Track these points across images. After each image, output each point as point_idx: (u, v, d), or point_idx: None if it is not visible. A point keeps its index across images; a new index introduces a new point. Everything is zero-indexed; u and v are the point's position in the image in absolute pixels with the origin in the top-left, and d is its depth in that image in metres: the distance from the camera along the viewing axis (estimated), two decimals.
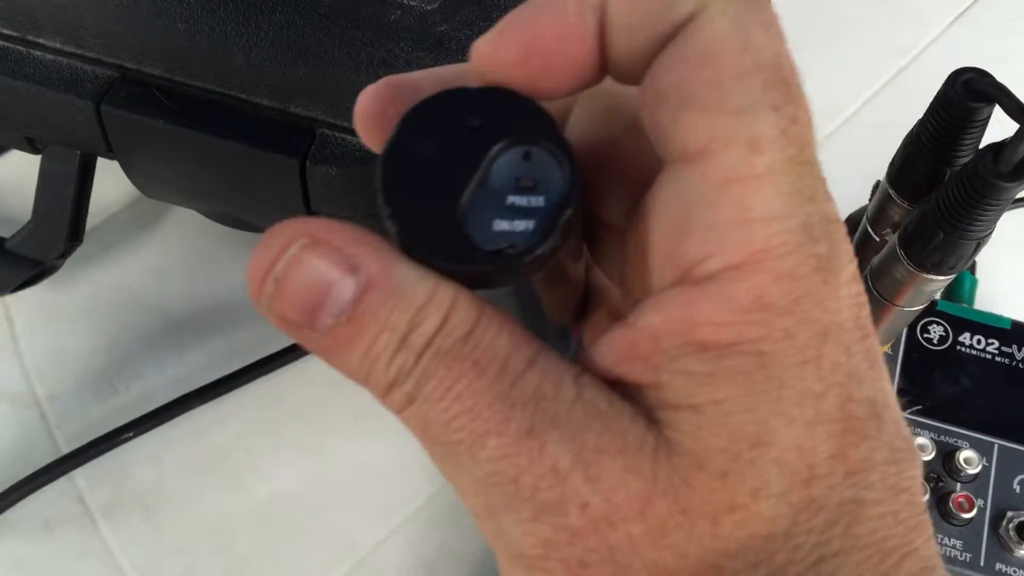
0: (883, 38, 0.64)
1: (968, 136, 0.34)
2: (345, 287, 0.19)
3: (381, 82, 0.23)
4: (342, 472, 0.49)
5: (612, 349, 0.20)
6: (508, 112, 0.21)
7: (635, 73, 0.20)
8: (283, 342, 0.52)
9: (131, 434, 0.49)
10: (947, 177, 0.36)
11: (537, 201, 0.21)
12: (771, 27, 0.19)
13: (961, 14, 0.65)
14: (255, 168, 0.42)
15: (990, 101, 0.33)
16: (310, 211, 0.43)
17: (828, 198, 0.19)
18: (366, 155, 0.41)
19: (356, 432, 0.50)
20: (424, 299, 0.19)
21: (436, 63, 0.39)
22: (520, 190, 0.21)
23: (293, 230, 0.19)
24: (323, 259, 0.19)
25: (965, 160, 0.35)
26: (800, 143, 0.19)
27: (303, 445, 0.50)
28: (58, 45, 0.43)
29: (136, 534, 0.48)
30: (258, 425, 0.51)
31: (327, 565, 0.48)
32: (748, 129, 0.18)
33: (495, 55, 0.21)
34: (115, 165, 0.46)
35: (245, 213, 0.48)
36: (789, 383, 0.19)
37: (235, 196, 0.45)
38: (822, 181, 0.19)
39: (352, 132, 0.41)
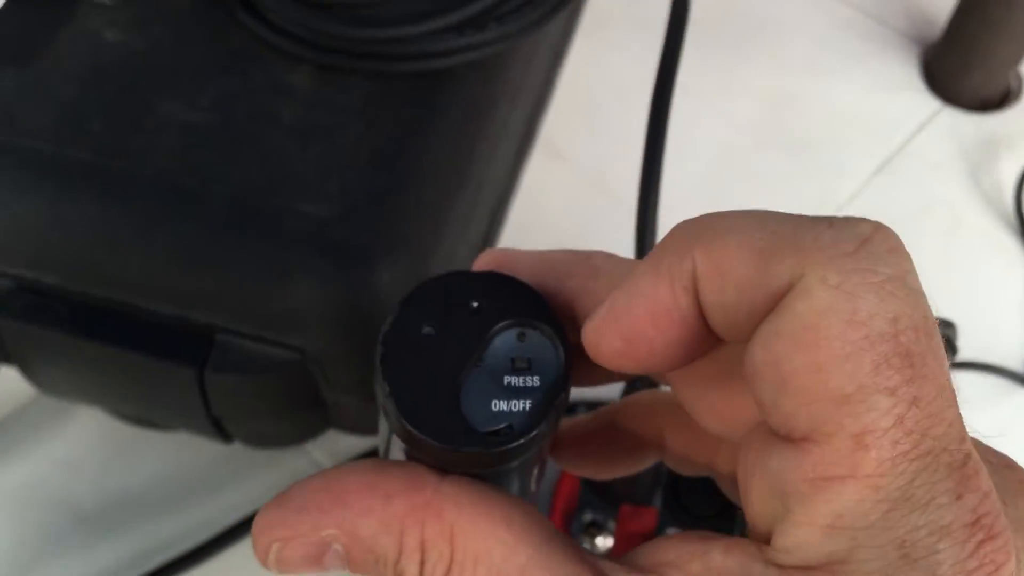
0: (804, 193, 0.64)
1: None
2: (332, 554, 0.21)
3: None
4: None
5: (664, 551, 0.20)
6: (505, 295, 0.22)
7: (747, 337, 0.20)
8: (199, 537, 0.50)
9: None
10: None
11: (533, 381, 0.21)
12: (888, 286, 0.18)
13: (883, 165, 0.66)
14: (153, 376, 0.41)
15: None
16: (210, 415, 0.42)
17: (955, 498, 0.18)
18: (268, 362, 0.40)
19: None
20: (395, 552, 0.20)
21: (335, 268, 0.39)
22: (516, 371, 0.21)
23: (264, 538, 0.22)
24: (300, 550, 0.21)
25: None
26: (922, 429, 0.17)
27: None
28: None
29: None
30: None
31: None
32: (855, 421, 0.17)
33: (602, 348, 0.21)
34: None
35: (148, 416, 0.46)
36: None
37: (136, 401, 0.44)
38: (952, 474, 0.18)
39: (253, 338, 0.40)
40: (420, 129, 0.42)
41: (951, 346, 0.36)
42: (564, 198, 0.61)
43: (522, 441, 0.21)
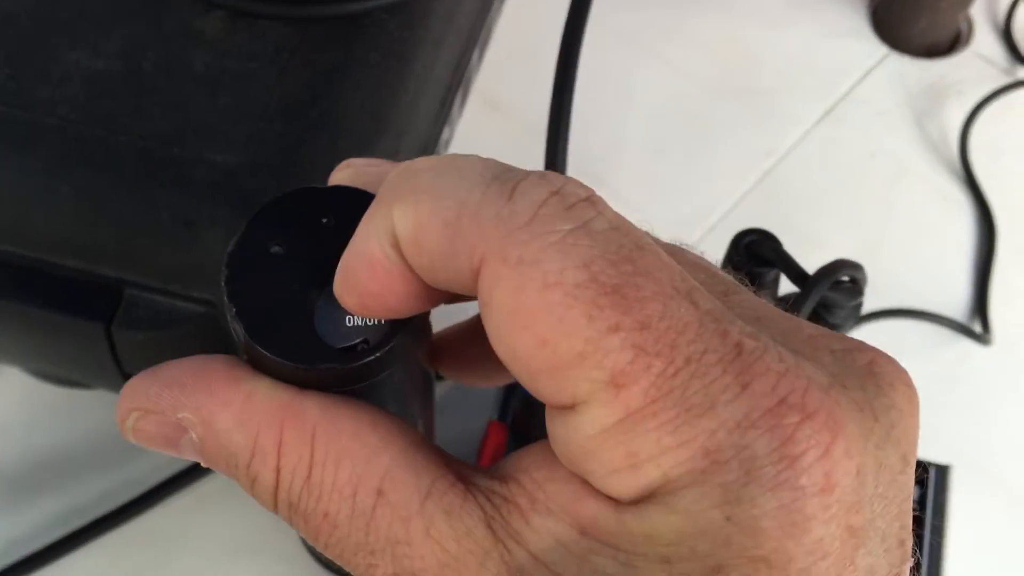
0: (749, 140, 0.63)
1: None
2: (187, 440, 0.21)
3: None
4: None
5: (520, 458, 0.20)
6: (357, 210, 0.21)
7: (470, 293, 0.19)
8: (125, 496, 0.49)
9: None
10: None
11: None
12: (569, 238, 0.17)
13: (828, 111, 0.65)
14: (63, 333, 0.40)
15: (773, 265, 0.32)
16: (123, 372, 0.41)
17: (741, 389, 0.17)
18: (177, 316, 0.39)
19: None
20: (248, 454, 0.20)
21: (242, 219, 0.38)
22: None
23: (125, 405, 0.21)
24: (156, 427, 0.21)
25: None
26: (668, 343, 0.17)
27: None
28: None
29: None
30: None
31: None
32: (601, 372, 0.17)
33: (348, 304, 0.20)
34: None
35: (63, 374, 0.45)
36: None
37: (49, 359, 0.43)
38: (727, 368, 0.17)
39: (161, 292, 0.39)
40: (336, 77, 0.41)
41: (858, 288, 0.35)
42: (500, 148, 0.60)
43: (378, 355, 0.20)
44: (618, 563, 0.18)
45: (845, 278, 0.35)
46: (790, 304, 0.31)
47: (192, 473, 0.50)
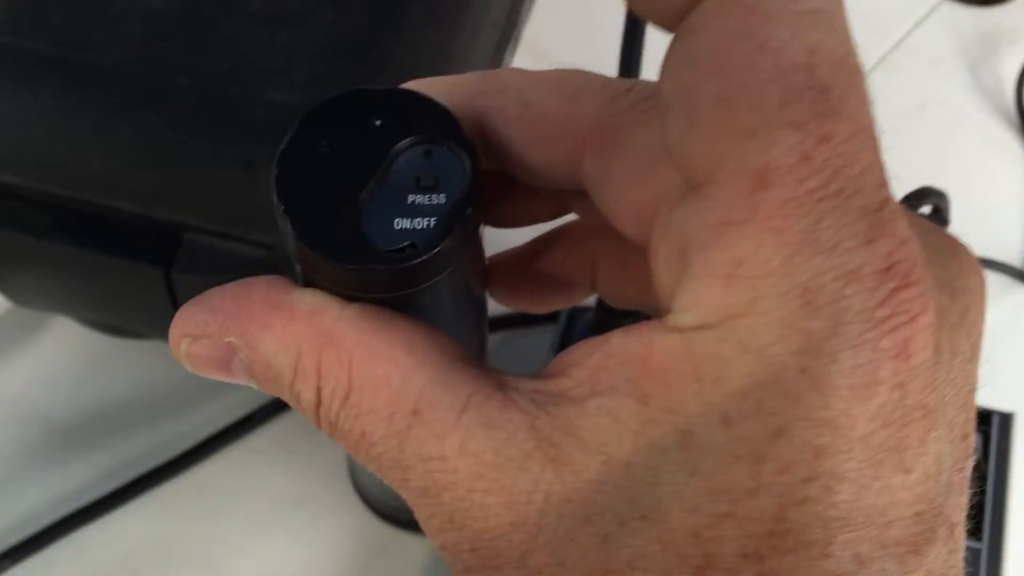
0: None
1: None
2: (238, 362, 0.21)
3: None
4: None
5: (568, 354, 0.20)
6: (410, 112, 0.21)
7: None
8: (175, 450, 0.49)
9: (8, 563, 0.46)
10: None
11: (438, 199, 0.20)
12: (810, 17, 0.16)
13: (880, 60, 0.64)
14: (120, 278, 0.40)
15: None
16: None
17: (866, 242, 0.16)
18: (236, 260, 0.38)
19: (253, 543, 0.47)
20: (290, 374, 0.20)
21: None
22: (421, 189, 0.21)
23: (176, 331, 0.22)
24: (208, 350, 0.21)
25: None
26: (832, 168, 0.16)
27: (195, 562, 0.47)
28: None
29: None
30: (147, 543, 0.48)
31: None
32: (757, 158, 0.16)
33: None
34: None
35: (119, 322, 0.45)
36: (708, 472, 0.17)
37: (106, 306, 0.43)
38: (864, 217, 0.16)
39: (220, 236, 0.38)
40: (394, 17, 0.40)
41: (942, 217, 0.34)
42: None
43: (425, 258, 0.20)
44: (676, 431, 0.17)
45: (927, 208, 0.33)
46: None
47: (243, 426, 0.50)
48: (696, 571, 0.17)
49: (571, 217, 0.26)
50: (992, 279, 0.54)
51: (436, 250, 0.20)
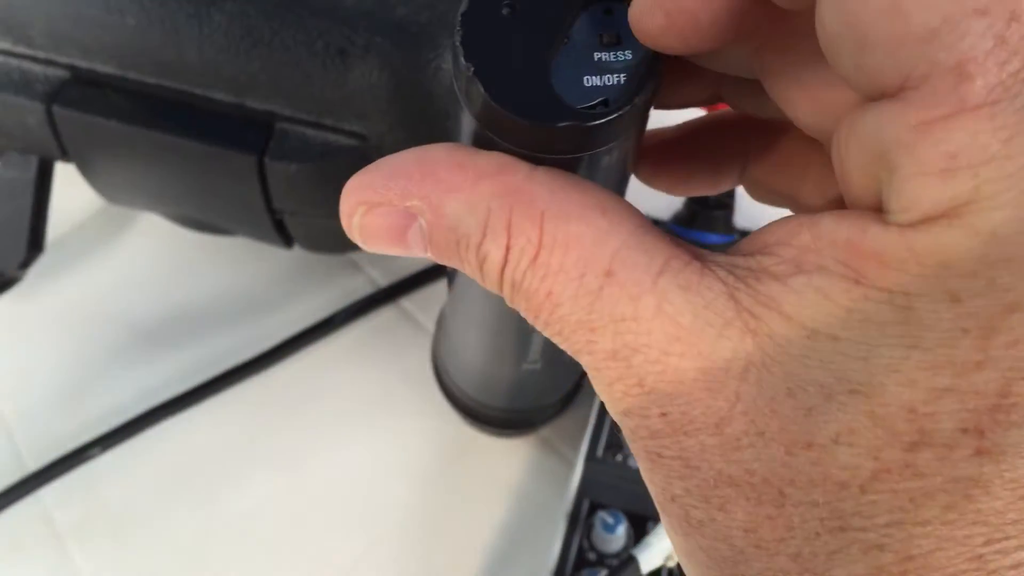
0: None
1: None
2: (415, 231, 0.21)
3: None
4: (318, 484, 0.47)
5: (768, 233, 0.19)
6: None
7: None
8: (256, 349, 0.50)
9: (98, 449, 0.47)
10: None
11: (624, 55, 0.20)
12: None
13: None
14: (212, 166, 0.40)
15: None
16: (271, 209, 0.41)
17: None
18: (327, 148, 0.39)
19: (333, 441, 0.48)
20: (479, 235, 0.20)
21: (396, 48, 0.37)
22: (605, 46, 0.20)
23: (351, 200, 0.21)
24: (385, 218, 0.21)
25: None
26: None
27: (278, 457, 0.48)
28: (7, 46, 0.41)
29: (106, 554, 0.46)
30: (231, 437, 0.49)
31: None
32: (949, 53, 0.15)
33: (644, 25, 0.20)
34: (78, 174, 0.44)
35: (207, 214, 0.46)
36: (929, 346, 0.16)
37: (195, 196, 0.43)
38: None
39: (312, 125, 0.39)
40: None
41: None
42: None
43: (621, 113, 0.20)
44: (894, 307, 0.16)
45: None
46: None
47: (324, 327, 0.51)
48: (909, 447, 0.17)
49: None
50: None
51: (630, 105, 0.20)
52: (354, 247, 0.46)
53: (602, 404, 0.38)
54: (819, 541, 0.17)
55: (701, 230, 0.49)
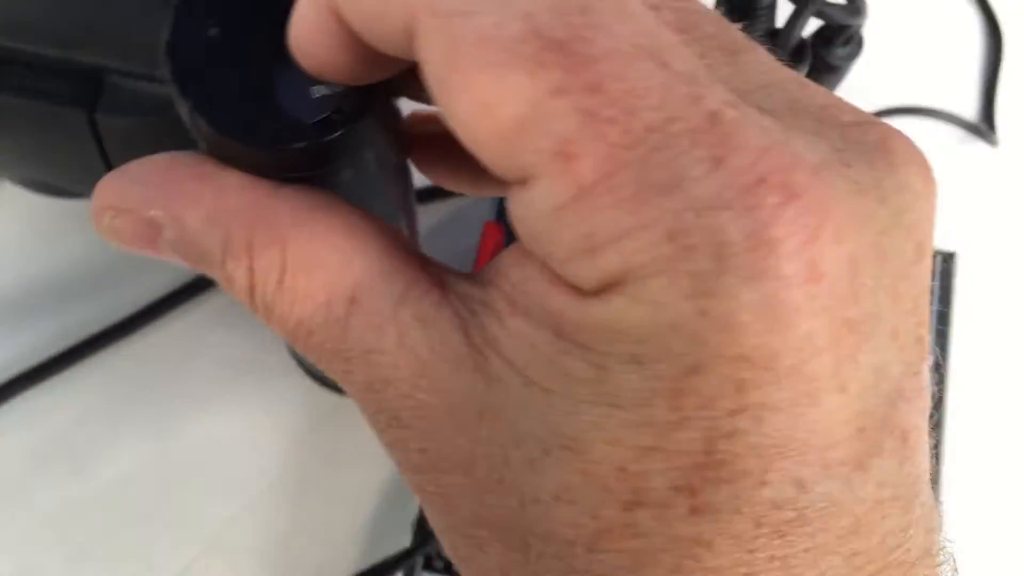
0: None
1: (757, 24, 0.32)
2: (164, 239, 0.20)
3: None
4: (190, 450, 0.46)
5: (501, 260, 0.19)
6: None
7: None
8: (122, 314, 0.49)
9: None
10: None
11: None
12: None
13: None
14: (47, 125, 0.39)
15: None
16: (111, 167, 0.40)
17: (714, 165, 0.15)
18: (163, 102, 0.38)
19: (203, 408, 0.47)
20: (220, 253, 0.19)
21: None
22: None
23: (98, 203, 0.20)
24: (132, 225, 0.20)
25: None
26: (624, 110, 0.15)
27: (148, 424, 0.47)
28: None
29: None
30: (99, 406, 0.48)
31: (176, 547, 0.45)
32: (546, 139, 0.15)
33: (304, 64, 0.19)
34: None
35: (53, 176, 0.44)
36: (627, 405, 0.16)
37: (35, 159, 0.42)
38: (698, 140, 0.15)
39: (145, 78, 0.38)
40: None
41: (855, 7, 0.32)
42: None
43: (357, 120, 0.19)
44: (589, 364, 0.16)
45: None
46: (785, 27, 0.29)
47: (188, 292, 0.50)
48: (626, 507, 0.16)
49: None
50: (946, 131, 0.55)
51: (363, 109, 0.19)
52: None
53: None
54: None
55: None
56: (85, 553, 0.44)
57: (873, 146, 0.17)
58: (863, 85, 0.49)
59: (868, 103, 0.52)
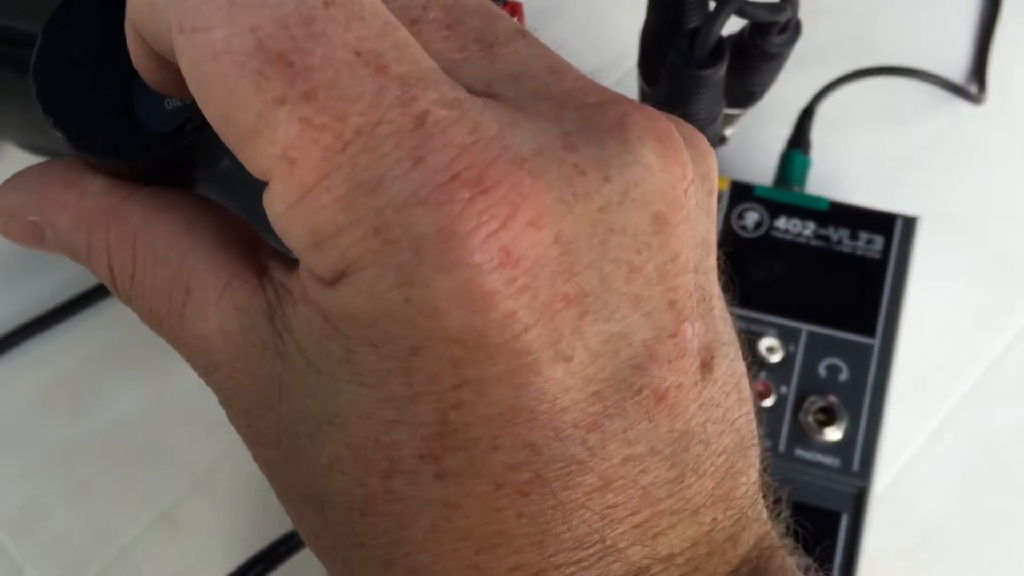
0: None
1: (688, 22, 0.33)
2: (47, 239, 0.22)
3: None
4: (182, 394, 0.50)
5: None
6: None
7: None
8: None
9: None
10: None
11: None
12: (234, 9, 0.16)
13: None
14: (22, 91, 0.41)
15: None
16: None
17: (413, 164, 0.16)
18: None
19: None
20: (85, 252, 0.21)
21: None
22: None
23: None
24: (21, 228, 0.22)
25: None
26: (335, 115, 0.16)
27: (148, 368, 0.51)
28: None
29: None
30: (103, 351, 0.51)
31: (166, 483, 0.48)
32: (273, 145, 0.17)
33: (139, 70, 0.21)
34: None
35: (46, 142, 0.47)
36: (372, 383, 0.18)
37: (24, 125, 0.44)
38: (402, 141, 0.16)
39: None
40: None
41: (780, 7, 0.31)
42: None
43: (202, 131, 0.21)
44: (342, 347, 0.18)
45: None
46: (703, 26, 0.29)
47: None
48: (384, 475, 0.18)
49: None
50: (929, 92, 0.55)
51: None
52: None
53: None
54: (352, 554, 0.19)
55: None
56: (83, 489, 0.48)
57: (610, 125, 0.18)
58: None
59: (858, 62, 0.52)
